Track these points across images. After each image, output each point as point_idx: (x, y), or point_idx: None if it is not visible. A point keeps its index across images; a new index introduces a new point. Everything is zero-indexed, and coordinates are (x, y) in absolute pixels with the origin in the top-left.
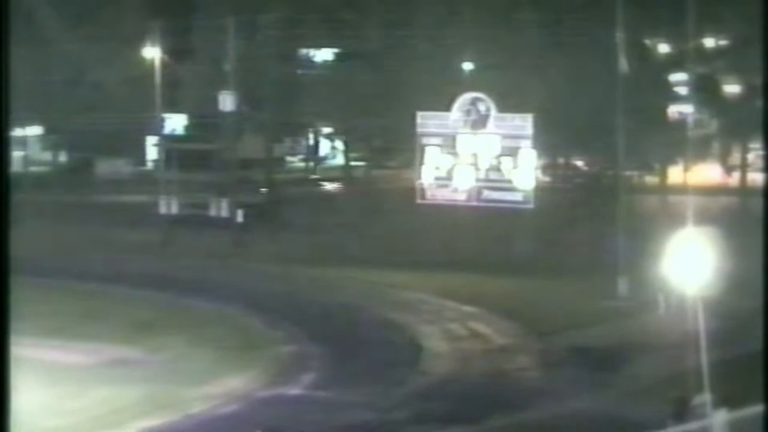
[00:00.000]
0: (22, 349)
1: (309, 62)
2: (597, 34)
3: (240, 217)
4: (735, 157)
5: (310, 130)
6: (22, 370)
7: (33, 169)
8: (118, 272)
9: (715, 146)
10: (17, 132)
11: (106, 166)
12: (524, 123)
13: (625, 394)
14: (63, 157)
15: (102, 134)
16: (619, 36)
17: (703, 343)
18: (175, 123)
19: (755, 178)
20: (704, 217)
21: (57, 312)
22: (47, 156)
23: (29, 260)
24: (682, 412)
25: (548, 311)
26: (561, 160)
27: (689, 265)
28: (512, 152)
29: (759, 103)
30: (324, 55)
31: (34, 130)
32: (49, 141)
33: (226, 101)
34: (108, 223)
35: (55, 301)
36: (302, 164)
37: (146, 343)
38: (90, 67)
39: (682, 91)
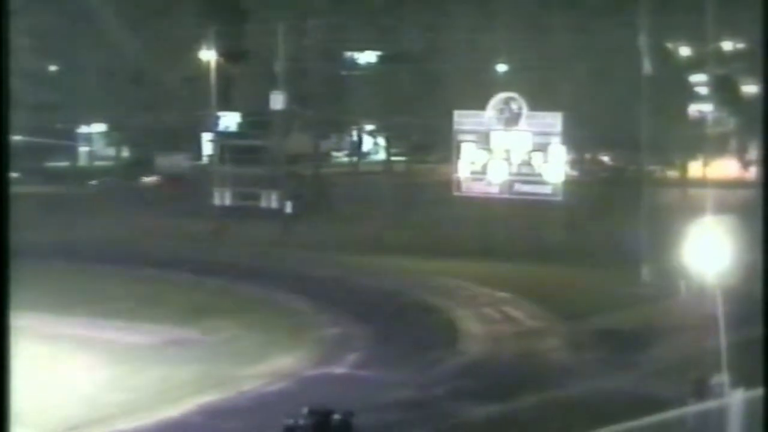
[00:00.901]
0: (88, 330)
1: (353, 64)
2: (622, 38)
3: (289, 208)
4: (751, 153)
5: (354, 127)
6: (89, 350)
7: (97, 163)
8: (175, 259)
9: (733, 143)
10: (83, 129)
11: (165, 161)
12: (554, 121)
13: (647, 374)
14: (125, 153)
15: (161, 131)
16: (643, 39)
17: (721, 326)
18: (229, 120)
19: None
20: (722, 209)
21: (120, 296)
22: (111, 151)
23: (95, 248)
24: (701, 391)
25: (576, 296)
26: (588, 156)
27: (708, 253)
28: (542, 148)
29: None
30: (367, 57)
31: (99, 127)
32: (113, 137)
33: (276, 100)
34: (166, 214)
35: (118, 286)
36: (346, 159)
37: (201, 325)
38: (151, 68)
39: (702, 90)
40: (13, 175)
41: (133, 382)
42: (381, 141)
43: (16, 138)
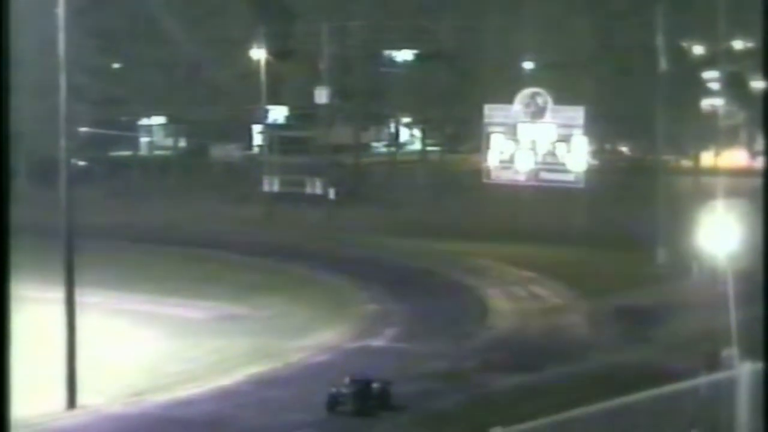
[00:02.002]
0: (148, 306)
1: (391, 62)
2: (640, 38)
3: (332, 194)
4: (759, 144)
5: (392, 119)
6: (150, 324)
7: (157, 152)
8: (228, 241)
9: (742, 134)
10: (144, 121)
11: (218, 151)
12: (576, 114)
13: (662, 347)
14: (182, 143)
15: (215, 123)
16: (659, 39)
17: (731, 304)
18: (277, 114)
19: None
20: (732, 196)
21: (178, 274)
22: (169, 142)
23: (155, 230)
24: (713, 363)
25: (596, 276)
26: (608, 146)
27: (720, 236)
28: (566, 139)
29: None
30: (404, 55)
31: (159, 120)
32: (171, 129)
33: (321, 95)
34: (220, 200)
35: (176, 266)
36: (385, 149)
37: (252, 302)
38: (206, 65)
39: (714, 86)
40: (81, 163)
41: (190, 354)
42: (417, 132)
43: (83, 129)
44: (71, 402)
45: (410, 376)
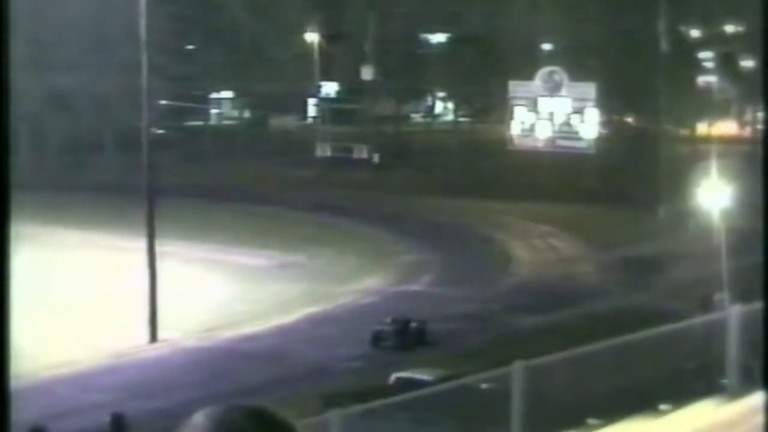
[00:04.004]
0: (218, 255)
1: (427, 43)
2: (644, 23)
3: (376, 159)
4: (748, 116)
5: (428, 94)
6: (219, 271)
7: (225, 122)
8: (286, 199)
9: (733, 107)
10: (213, 95)
11: (278, 121)
12: (589, 89)
13: (662, 292)
14: (247, 114)
15: (275, 97)
16: (661, 24)
17: (723, 254)
18: (329, 89)
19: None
20: (724, 160)
21: (242, 228)
22: (235, 113)
23: (222, 190)
24: (706, 306)
25: (605, 231)
26: (616, 117)
27: (713, 194)
28: (579, 111)
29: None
30: (438, 38)
31: (226, 94)
32: (237, 102)
33: (366, 72)
34: (279, 163)
35: (241, 220)
36: (422, 120)
37: (306, 252)
38: (267, 47)
39: (709, 65)
40: (159, 132)
41: (254, 296)
42: (450, 105)
43: (162, 103)
44: (153, 336)
45: (443, 317)
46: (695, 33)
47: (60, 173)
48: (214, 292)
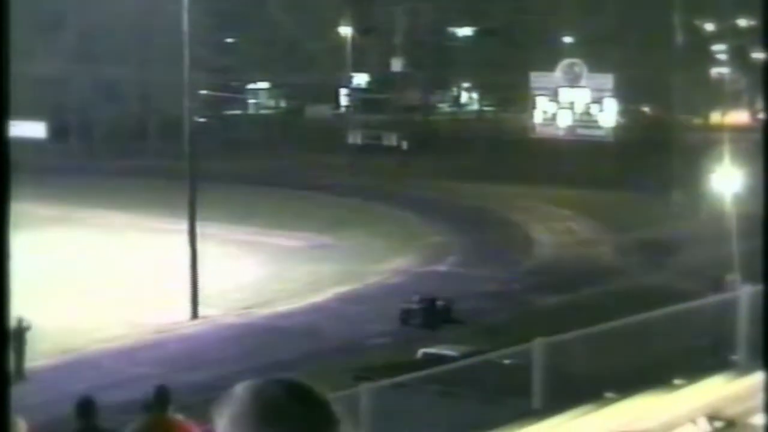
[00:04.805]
0: (255, 236)
1: (454, 37)
2: (661, 17)
3: (404, 146)
4: (759, 105)
5: (454, 85)
6: (256, 251)
7: (262, 112)
8: (319, 184)
9: (745, 98)
10: (251, 86)
11: (312, 110)
12: (607, 80)
13: (676, 273)
14: (282, 104)
15: (310, 87)
16: (676, 18)
17: (734, 237)
18: (360, 79)
19: None
20: (736, 148)
21: (278, 211)
22: (271, 103)
23: (259, 176)
24: (718, 286)
25: (622, 214)
26: (633, 107)
27: (726, 180)
28: (598, 101)
29: None
30: (464, 31)
31: (263, 85)
32: (273, 92)
33: (396, 64)
34: (312, 150)
35: (277, 204)
36: (448, 109)
37: (339, 233)
38: (302, 40)
39: (721, 57)
40: (200, 120)
41: (288, 276)
42: (475, 95)
43: (203, 92)
44: (194, 313)
45: (468, 296)
46: (709, 26)
47: (107, 159)
48: (251, 272)
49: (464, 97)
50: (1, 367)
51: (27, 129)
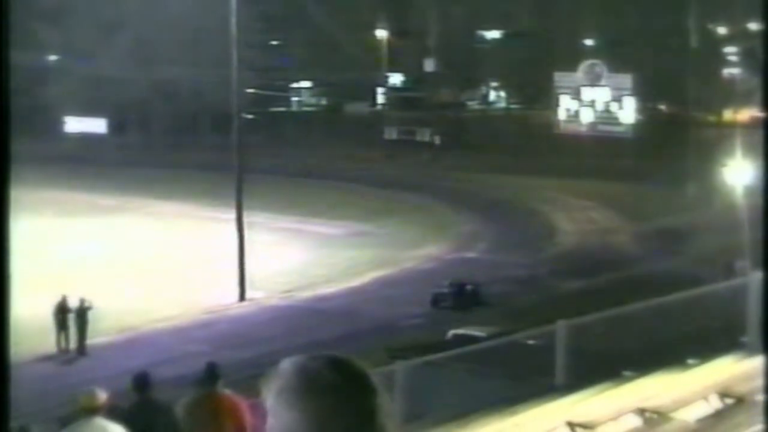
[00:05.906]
0: (298, 225)
1: (483, 39)
2: (676, 20)
3: (437, 141)
4: None
5: (483, 84)
6: (298, 238)
7: (304, 109)
8: (357, 176)
9: (755, 97)
10: (294, 85)
11: (351, 107)
12: (626, 80)
13: (690, 259)
14: (324, 102)
15: (349, 86)
16: (691, 21)
17: (745, 226)
18: (395, 79)
19: None
20: (747, 143)
21: (319, 201)
22: (313, 101)
23: (302, 168)
24: (729, 272)
25: (640, 205)
26: (650, 105)
27: (738, 173)
28: (618, 99)
29: None
30: (493, 34)
31: (305, 84)
32: (315, 91)
33: (429, 64)
34: (351, 145)
35: (318, 194)
36: (478, 107)
37: (375, 222)
38: (341, 41)
39: (733, 59)
40: (247, 116)
41: (329, 261)
42: (502, 94)
43: (250, 91)
44: (241, 296)
45: (495, 280)
46: (721, 30)
47: (162, 153)
48: (294, 258)
49: (492, 95)
50: (2, 365)
51: (89, 125)
